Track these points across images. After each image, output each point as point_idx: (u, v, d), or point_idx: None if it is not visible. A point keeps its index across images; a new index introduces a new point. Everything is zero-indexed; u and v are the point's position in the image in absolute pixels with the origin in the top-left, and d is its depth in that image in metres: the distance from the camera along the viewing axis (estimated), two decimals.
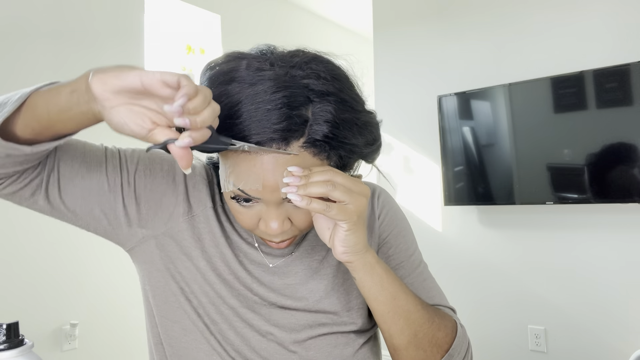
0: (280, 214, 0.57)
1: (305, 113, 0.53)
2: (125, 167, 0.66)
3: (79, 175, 0.63)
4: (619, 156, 2.03)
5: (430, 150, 2.66)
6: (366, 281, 0.60)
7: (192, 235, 0.67)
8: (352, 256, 0.58)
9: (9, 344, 0.50)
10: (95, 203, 0.64)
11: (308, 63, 0.56)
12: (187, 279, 0.66)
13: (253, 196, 0.56)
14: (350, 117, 0.55)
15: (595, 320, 2.15)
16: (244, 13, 3.47)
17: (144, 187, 0.66)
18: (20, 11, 2.28)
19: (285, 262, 0.69)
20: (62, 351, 2.30)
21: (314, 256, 0.70)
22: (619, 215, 2.10)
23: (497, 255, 2.43)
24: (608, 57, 2.11)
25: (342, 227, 0.56)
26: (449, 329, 0.66)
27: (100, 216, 0.64)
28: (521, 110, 2.28)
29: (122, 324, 2.52)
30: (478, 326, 2.46)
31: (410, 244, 0.75)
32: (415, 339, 0.62)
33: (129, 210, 0.65)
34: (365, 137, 0.58)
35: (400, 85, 2.79)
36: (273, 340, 0.65)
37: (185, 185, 0.69)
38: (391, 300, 0.61)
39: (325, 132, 0.53)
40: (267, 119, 0.51)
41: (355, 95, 0.58)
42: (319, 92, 0.54)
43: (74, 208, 0.63)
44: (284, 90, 0.52)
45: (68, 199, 0.62)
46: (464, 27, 2.57)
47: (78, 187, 0.62)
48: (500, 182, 2.34)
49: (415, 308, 0.62)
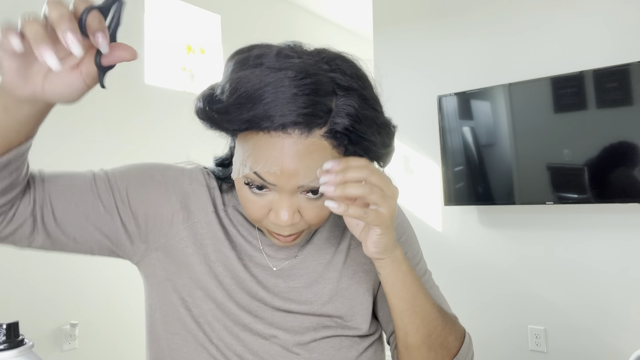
0: (292, 205, 0.57)
1: (330, 104, 0.53)
2: (116, 185, 0.66)
3: (72, 204, 0.63)
4: (619, 156, 2.03)
5: (430, 150, 2.66)
6: (391, 277, 0.61)
7: (194, 242, 0.67)
8: (382, 254, 0.59)
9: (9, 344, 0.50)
10: (94, 227, 0.64)
11: (334, 59, 0.56)
12: (188, 288, 0.66)
13: (269, 181, 0.55)
14: (371, 114, 0.56)
15: (595, 320, 2.15)
16: (244, 13, 3.47)
17: (139, 202, 0.66)
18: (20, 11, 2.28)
19: (289, 265, 0.69)
20: (62, 351, 2.30)
21: (319, 260, 0.70)
22: (619, 215, 2.10)
23: (497, 255, 2.43)
24: (608, 57, 2.11)
25: (376, 232, 0.56)
26: (459, 335, 0.68)
27: (102, 238, 0.65)
28: (521, 110, 2.28)
29: (122, 324, 2.52)
30: (478, 326, 2.46)
31: (416, 252, 0.76)
32: (429, 339, 0.63)
33: (128, 227, 0.66)
34: (383, 138, 0.59)
35: (400, 85, 2.79)
36: (276, 342, 0.65)
37: (182, 193, 0.68)
38: (412, 298, 0.62)
39: (346, 125, 0.54)
40: (293, 103, 0.51)
41: (376, 96, 0.59)
42: (344, 86, 0.54)
43: (73, 236, 0.63)
44: (312, 77, 0.52)
45: (66, 228, 0.62)
46: (464, 27, 2.57)
47: (73, 214, 0.63)
48: (500, 182, 2.34)
49: (432, 310, 0.64)
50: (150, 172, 0.69)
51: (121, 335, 2.51)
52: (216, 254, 0.67)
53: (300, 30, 3.98)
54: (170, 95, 2.91)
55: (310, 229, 0.63)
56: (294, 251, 0.70)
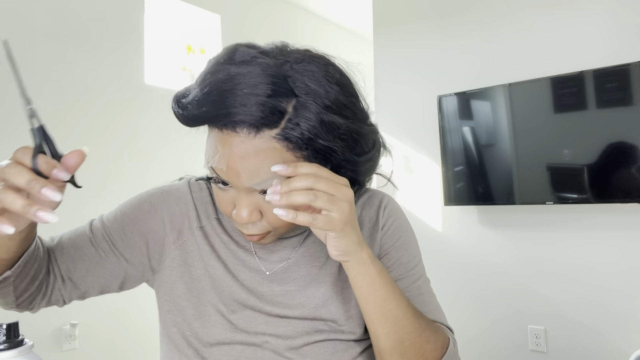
0: (250, 204, 0.57)
1: (285, 106, 0.53)
2: (112, 230, 0.70)
3: (90, 274, 0.68)
4: (619, 156, 2.03)
5: (430, 150, 2.66)
6: (358, 279, 0.60)
7: (185, 261, 0.70)
8: (345, 257, 0.58)
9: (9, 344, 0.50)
10: (112, 275, 0.69)
11: (305, 61, 0.56)
12: (181, 306, 0.68)
13: (221, 178, 0.57)
14: (332, 120, 0.55)
15: (595, 320, 2.15)
16: (244, 13, 3.47)
17: (136, 236, 0.70)
18: (20, 11, 2.28)
19: (282, 268, 0.69)
20: (62, 351, 2.30)
21: (313, 263, 0.69)
22: (619, 215, 2.10)
23: (497, 255, 2.43)
24: (608, 57, 2.11)
25: (331, 236, 0.56)
26: (439, 344, 0.63)
27: (123, 280, 0.70)
28: (521, 110, 2.28)
29: (122, 324, 2.52)
30: (478, 326, 2.46)
31: (413, 257, 0.73)
32: (401, 346, 0.61)
33: (134, 261, 0.70)
34: (349, 145, 0.58)
35: (400, 85, 2.79)
36: (268, 348, 0.65)
37: (170, 215, 0.71)
38: (381, 302, 0.60)
39: (302, 130, 0.53)
40: (245, 102, 0.51)
41: (347, 102, 0.57)
42: (306, 89, 0.54)
43: (100, 288, 0.70)
44: (268, 77, 0.52)
45: (90, 287, 0.69)
46: (464, 27, 2.57)
47: (92, 274, 0.68)
48: (500, 182, 2.34)
49: (405, 315, 0.61)
50: (139, 205, 0.72)
51: (121, 335, 2.51)
52: (203, 270, 0.69)
53: (300, 31, 3.97)
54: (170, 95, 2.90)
55: (277, 232, 0.62)
56: (287, 254, 0.70)
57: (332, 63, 0.59)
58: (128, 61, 2.72)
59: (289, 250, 0.70)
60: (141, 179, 2.69)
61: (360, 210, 0.74)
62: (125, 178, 2.63)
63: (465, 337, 2.50)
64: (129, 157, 2.68)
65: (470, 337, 2.48)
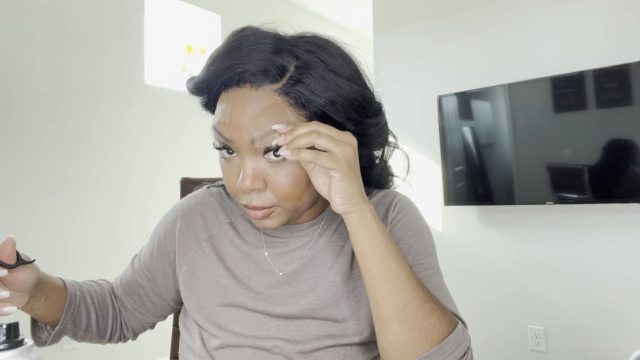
0: (254, 169, 0.58)
1: (287, 64, 0.57)
2: (152, 258, 0.78)
3: (148, 303, 0.79)
4: (619, 156, 2.03)
5: (430, 150, 2.66)
6: (359, 234, 0.58)
7: (194, 275, 0.73)
8: (349, 207, 0.57)
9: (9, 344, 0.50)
10: (170, 302, 0.80)
11: (306, 34, 0.61)
12: (195, 312, 0.71)
13: (225, 136, 0.58)
14: (333, 79, 0.58)
15: (596, 320, 2.15)
16: (244, 13, 3.48)
17: (163, 259, 0.77)
18: (20, 11, 2.28)
19: (294, 269, 0.69)
20: (62, 351, 2.29)
21: (324, 262, 0.70)
22: (619, 215, 2.10)
23: (497, 255, 2.43)
24: (608, 57, 2.11)
25: (335, 177, 0.55)
26: (446, 319, 0.59)
27: (179, 302, 0.80)
28: (521, 110, 2.28)
29: None
30: (478, 326, 2.46)
31: (424, 249, 0.70)
32: (402, 312, 0.57)
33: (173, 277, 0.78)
34: (352, 104, 0.59)
35: (400, 85, 2.79)
36: (278, 352, 0.65)
37: (179, 232, 0.75)
38: (381, 260, 0.58)
39: (304, 85, 0.56)
40: (249, 55, 0.56)
41: (348, 69, 0.60)
42: (308, 52, 0.58)
43: (164, 314, 0.83)
44: (273, 39, 0.58)
45: (159, 319, 0.83)
46: (464, 27, 2.57)
47: (157, 311, 0.80)
48: (500, 182, 2.34)
49: (406, 279, 0.58)
50: (158, 230, 0.79)
51: None
52: (212, 280, 0.71)
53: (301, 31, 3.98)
54: (170, 95, 2.91)
55: (284, 206, 0.61)
56: (298, 254, 0.70)
57: (329, 40, 0.63)
58: (128, 61, 2.72)
59: (301, 251, 0.70)
60: (141, 179, 2.69)
61: (372, 199, 0.74)
62: (124, 177, 2.63)
63: None
64: (129, 156, 2.68)
65: (471, 337, 2.47)
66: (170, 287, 0.77)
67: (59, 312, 0.71)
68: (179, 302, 0.79)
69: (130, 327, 0.80)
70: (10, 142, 2.22)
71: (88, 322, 0.74)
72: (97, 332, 0.76)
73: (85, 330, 0.74)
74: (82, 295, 0.74)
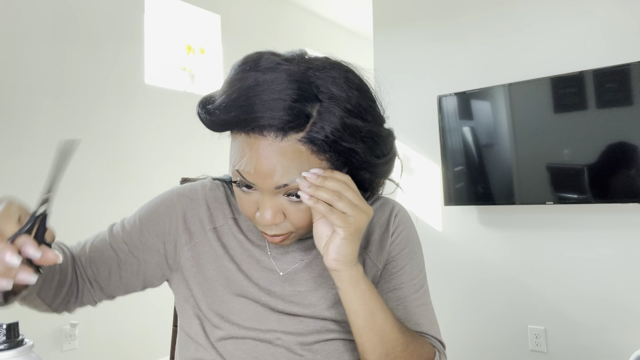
0: (275, 205, 0.60)
1: (310, 110, 0.55)
2: (133, 233, 0.73)
3: (113, 277, 0.72)
4: (619, 156, 2.03)
5: (430, 150, 2.66)
6: (349, 293, 0.62)
7: (197, 262, 0.72)
8: (341, 265, 0.60)
9: (9, 344, 0.50)
10: (138, 280, 0.73)
11: (327, 68, 0.58)
12: (198, 302, 0.71)
13: (248, 180, 0.59)
14: (355, 124, 0.57)
15: (595, 320, 2.15)
16: (244, 13, 3.47)
17: (153, 237, 0.73)
18: (20, 11, 2.28)
19: (295, 269, 0.71)
20: (62, 351, 2.30)
21: (325, 265, 0.71)
22: (619, 215, 2.10)
23: (497, 255, 2.43)
24: (608, 57, 2.11)
25: (339, 234, 0.58)
26: (423, 359, 0.66)
27: (144, 280, 0.74)
28: (521, 110, 2.28)
29: (122, 324, 2.52)
30: (478, 326, 2.46)
31: (416, 267, 0.75)
32: (386, 358, 0.63)
33: (153, 260, 0.73)
34: (370, 147, 0.60)
35: (400, 86, 2.79)
36: (280, 344, 0.67)
37: (184, 216, 0.74)
38: (369, 316, 0.62)
39: (326, 132, 0.55)
40: (270, 106, 0.54)
41: (367, 106, 0.60)
42: (329, 94, 0.56)
43: (126, 289, 0.74)
44: (293, 83, 0.55)
45: (120, 293, 0.73)
46: (464, 27, 2.57)
47: (119, 285, 0.72)
48: (500, 182, 2.34)
49: (391, 329, 0.63)
50: (156, 208, 0.75)
51: (121, 335, 2.51)
52: (216, 270, 0.71)
53: (301, 30, 3.97)
54: (170, 95, 2.91)
55: (299, 232, 0.64)
56: (300, 255, 0.72)
57: (351, 69, 0.62)
58: (128, 61, 2.72)
59: (303, 252, 0.72)
60: (140, 179, 2.69)
61: (372, 215, 0.76)
62: (124, 177, 2.63)
63: (465, 337, 2.50)
64: (129, 156, 2.68)
65: (471, 337, 2.48)
66: (150, 266, 0.72)
67: None
68: (147, 284, 0.74)
69: (80, 300, 0.71)
70: (10, 142, 2.22)
71: (47, 289, 0.66)
72: (48, 299, 0.67)
73: (37, 295, 0.65)
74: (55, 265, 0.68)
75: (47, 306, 0.68)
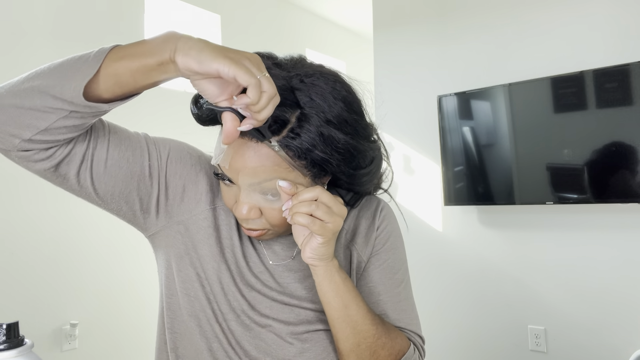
0: (250, 201, 0.62)
1: (288, 116, 0.57)
2: (159, 154, 0.69)
3: (124, 159, 0.64)
4: (619, 156, 2.03)
5: (430, 150, 2.66)
6: (324, 285, 0.65)
7: (213, 224, 0.71)
8: (317, 261, 0.64)
9: (9, 344, 0.50)
10: (134, 187, 0.66)
11: (314, 76, 0.60)
12: (204, 265, 0.69)
13: (225, 175, 0.62)
14: (331, 135, 0.59)
15: (595, 320, 2.15)
16: (244, 13, 3.47)
17: (174, 174, 0.70)
18: (20, 11, 2.28)
19: (286, 261, 0.73)
20: (62, 351, 2.30)
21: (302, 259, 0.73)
22: (619, 215, 2.10)
23: (497, 255, 2.44)
24: (608, 57, 2.11)
25: (318, 240, 0.62)
26: (395, 351, 0.68)
27: (135, 200, 0.67)
28: (521, 110, 2.28)
29: (122, 324, 2.52)
30: (478, 326, 2.46)
31: (397, 261, 0.77)
32: (357, 348, 0.66)
33: (160, 197, 0.69)
34: (345, 159, 0.61)
35: (400, 85, 2.79)
36: (271, 331, 0.68)
37: (212, 178, 0.73)
38: (343, 307, 0.65)
39: (301, 140, 0.57)
40: None
41: (350, 119, 0.61)
42: (310, 103, 0.58)
43: (113, 190, 0.64)
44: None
45: (110, 180, 0.63)
46: (464, 27, 2.57)
47: (123, 169, 0.64)
48: (500, 182, 2.34)
49: (363, 321, 0.66)
50: (188, 150, 0.73)
51: (121, 335, 2.51)
52: (228, 240, 0.71)
53: (301, 30, 3.97)
54: (170, 95, 2.91)
55: (276, 230, 0.67)
56: (291, 251, 0.73)
57: (342, 80, 0.63)
58: None
59: (293, 246, 0.74)
60: None
61: (358, 212, 0.78)
62: None
63: (465, 337, 2.50)
64: None
65: (471, 337, 2.48)
66: (135, 175, 0.65)
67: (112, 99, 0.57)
68: (135, 190, 0.66)
69: (69, 150, 0.59)
70: None
71: (74, 125, 0.56)
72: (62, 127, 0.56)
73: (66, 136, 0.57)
74: None
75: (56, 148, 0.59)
